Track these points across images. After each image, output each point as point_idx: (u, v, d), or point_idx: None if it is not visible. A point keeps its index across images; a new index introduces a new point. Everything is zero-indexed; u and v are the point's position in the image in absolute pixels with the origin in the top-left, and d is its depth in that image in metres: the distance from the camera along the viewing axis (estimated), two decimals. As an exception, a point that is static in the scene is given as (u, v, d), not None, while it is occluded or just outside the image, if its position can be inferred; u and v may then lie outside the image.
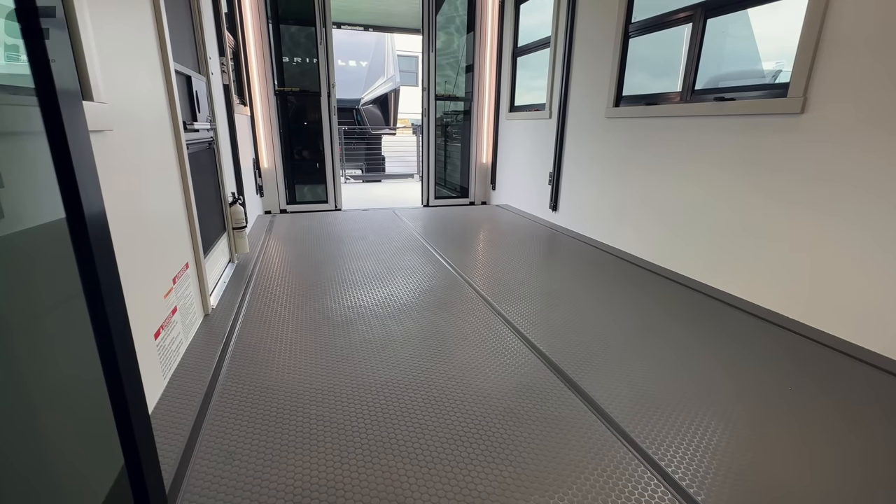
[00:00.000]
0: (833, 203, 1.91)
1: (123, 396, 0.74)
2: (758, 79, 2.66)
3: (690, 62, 2.64)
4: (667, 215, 2.82)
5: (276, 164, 4.72)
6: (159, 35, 1.70)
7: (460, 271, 2.73)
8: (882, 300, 1.76)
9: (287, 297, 2.29)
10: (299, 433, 1.29)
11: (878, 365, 1.69)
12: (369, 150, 9.35)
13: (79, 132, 0.67)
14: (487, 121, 5.31)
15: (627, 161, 3.15)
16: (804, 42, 1.96)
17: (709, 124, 2.49)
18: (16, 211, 0.72)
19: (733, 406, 1.44)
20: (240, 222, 2.79)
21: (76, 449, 0.84)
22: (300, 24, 4.54)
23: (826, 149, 1.93)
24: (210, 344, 1.80)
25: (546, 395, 1.49)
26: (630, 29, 3.09)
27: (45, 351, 0.79)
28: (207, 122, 2.45)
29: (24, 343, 0.76)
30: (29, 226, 0.76)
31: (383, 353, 1.75)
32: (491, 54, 5.10)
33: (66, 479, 0.82)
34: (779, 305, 2.14)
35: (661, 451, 1.24)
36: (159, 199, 1.63)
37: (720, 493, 1.10)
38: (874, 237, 1.78)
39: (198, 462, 1.17)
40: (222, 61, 3.02)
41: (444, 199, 5.53)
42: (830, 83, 1.89)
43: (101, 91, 1.18)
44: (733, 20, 2.54)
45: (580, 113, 3.67)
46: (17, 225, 0.73)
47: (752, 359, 1.74)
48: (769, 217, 2.18)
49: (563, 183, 3.99)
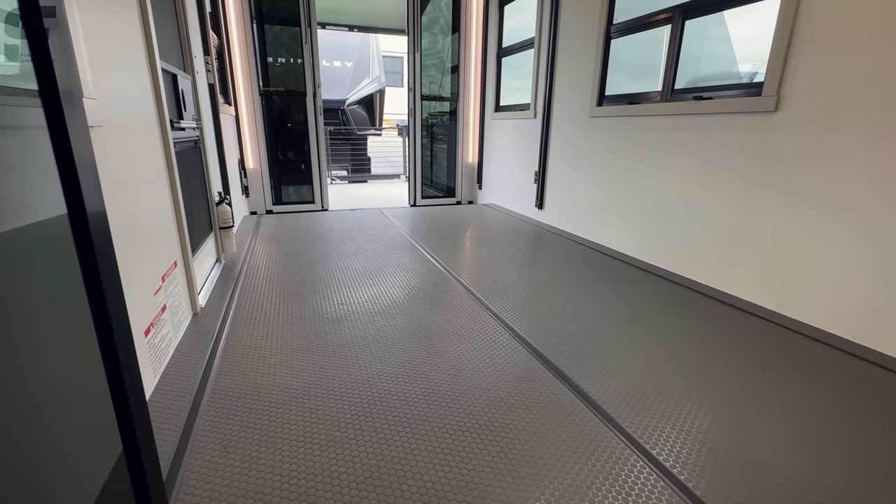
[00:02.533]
0: (806, 197, 2.00)
1: (122, 382, 0.76)
2: (735, 79, 2.75)
3: (670, 62, 2.72)
4: (649, 211, 2.89)
5: (262, 165, 4.69)
6: (146, 33, 1.70)
7: (449, 268, 2.76)
8: (852, 289, 1.85)
9: (276, 295, 2.30)
10: (293, 426, 1.30)
11: (849, 350, 1.78)
12: (355, 150, 9.32)
13: (80, 129, 0.69)
14: (473, 121, 5.36)
15: (610, 159, 3.23)
16: (777, 43, 2.04)
17: (688, 123, 2.57)
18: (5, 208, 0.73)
19: (715, 392, 1.50)
20: (227, 222, 2.78)
21: (74, 437, 0.85)
22: (285, 24, 4.52)
23: (799, 145, 2.01)
24: (200, 342, 1.79)
25: (536, 385, 1.53)
26: (612, 30, 3.16)
27: (42, 343, 0.80)
28: (193, 121, 2.43)
29: (23, 336, 0.76)
30: (18, 225, 0.76)
31: (374, 348, 1.77)
32: (476, 55, 5.15)
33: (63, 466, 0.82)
34: (756, 296, 2.23)
35: (646, 434, 1.29)
36: (148, 195, 1.62)
37: (703, 473, 1.15)
38: (844, 230, 1.86)
39: (192, 455, 1.18)
40: (207, 60, 3.00)
41: (431, 198, 5.56)
42: (802, 82, 1.98)
43: (90, 87, 1.18)
44: (711, 22, 2.63)
45: (564, 112, 3.74)
46: (8, 224, 0.74)
47: (731, 347, 1.81)
48: (746, 211, 2.26)
49: (548, 181, 4.06)
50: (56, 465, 0.80)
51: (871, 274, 1.78)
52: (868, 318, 1.80)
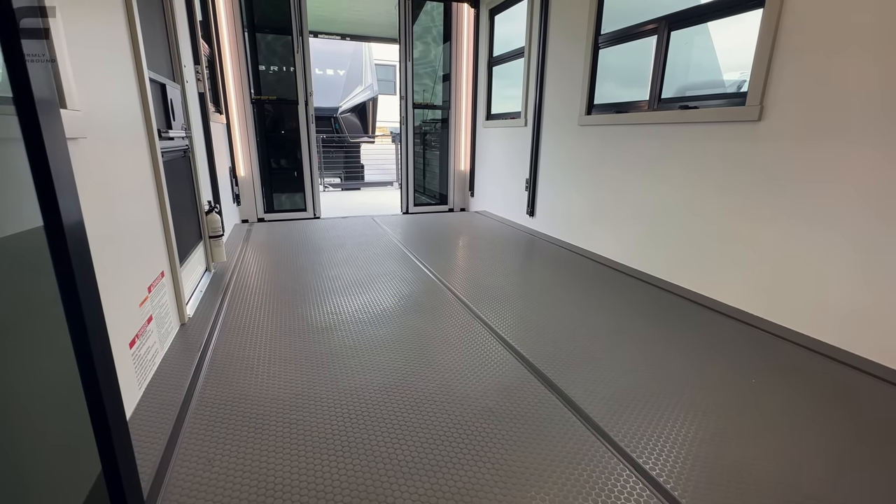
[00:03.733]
0: (791, 205, 2.02)
1: (101, 400, 0.75)
2: (721, 88, 2.79)
3: (657, 72, 2.76)
4: (638, 219, 2.92)
5: (254, 173, 4.67)
6: (133, 42, 1.69)
7: (440, 276, 2.76)
8: (835, 295, 1.87)
9: (265, 304, 2.28)
10: (279, 438, 1.29)
11: (833, 356, 1.79)
12: (348, 158, 9.33)
13: (56, 141, 0.68)
14: (465, 129, 5.39)
15: (600, 166, 3.25)
16: (759, 53, 2.08)
17: (676, 131, 2.60)
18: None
19: (702, 399, 1.51)
20: (216, 231, 2.76)
21: (52, 455, 0.84)
22: (276, 32, 4.53)
23: (782, 153, 2.04)
24: (187, 353, 1.78)
25: (524, 395, 1.52)
26: (600, 40, 3.20)
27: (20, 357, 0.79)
28: (182, 130, 2.42)
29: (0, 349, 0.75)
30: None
31: (363, 357, 1.76)
32: (467, 64, 5.19)
33: (42, 485, 0.81)
34: (742, 302, 2.24)
35: (633, 443, 1.29)
36: (133, 206, 1.61)
37: (689, 481, 1.15)
38: (828, 237, 1.89)
39: (176, 470, 1.17)
40: (197, 69, 3.00)
41: (424, 206, 5.56)
42: (785, 92, 2.01)
43: (74, 99, 1.18)
44: (696, 33, 2.67)
45: (554, 120, 3.77)
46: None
47: (718, 354, 1.82)
48: (732, 219, 2.28)
49: (539, 189, 4.08)
50: (33, 484, 0.78)
51: (854, 280, 1.80)
52: (850, 324, 1.82)
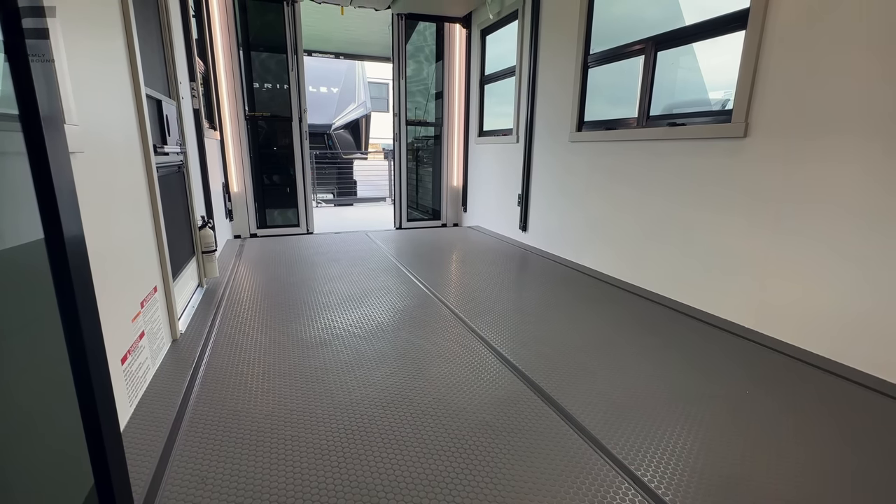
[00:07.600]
0: (777, 220, 2.07)
1: (96, 415, 0.74)
2: (707, 106, 2.87)
3: (645, 90, 2.83)
4: (629, 233, 2.96)
5: (247, 189, 4.68)
6: (131, 59, 1.71)
7: (434, 291, 2.76)
8: (823, 306, 1.90)
9: (259, 320, 2.26)
10: (273, 454, 1.27)
11: (826, 368, 1.82)
12: (341, 174, 9.38)
13: (60, 155, 0.69)
14: (458, 145, 5.46)
15: (591, 182, 3.31)
16: (743, 71, 2.15)
17: (664, 148, 2.66)
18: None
19: (698, 411, 1.52)
20: (209, 246, 2.75)
21: (44, 470, 0.82)
22: (271, 51, 4.59)
23: (767, 169, 2.09)
24: (179, 369, 1.75)
25: (521, 408, 1.52)
26: (589, 60, 3.29)
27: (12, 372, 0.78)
28: (177, 146, 2.43)
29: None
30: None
31: (359, 372, 1.75)
32: (459, 82, 5.29)
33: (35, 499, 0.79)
34: (734, 315, 2.27)
35: (630, 455, 1.29)
36: (128, 221, 1.61)
37: (686, 494, 1.15)
38: (815, 250, 1.93)
39: (168, 487, 1.14)
40: (193, 86, 3.03)
41: (417, 221, 5.59)
42: (769, 110, 2.08)
43: (73, 114, 1.18)
44: (682, 53, 2.76)
45: (545, 137, 3.84)
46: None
47: (712, 366, 1.84)
48: (722, 234, 2.33)
49: (531, 204, 4.12)
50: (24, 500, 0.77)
51: (844, 292, 1.84)
52: (843, 336, 1.85)
